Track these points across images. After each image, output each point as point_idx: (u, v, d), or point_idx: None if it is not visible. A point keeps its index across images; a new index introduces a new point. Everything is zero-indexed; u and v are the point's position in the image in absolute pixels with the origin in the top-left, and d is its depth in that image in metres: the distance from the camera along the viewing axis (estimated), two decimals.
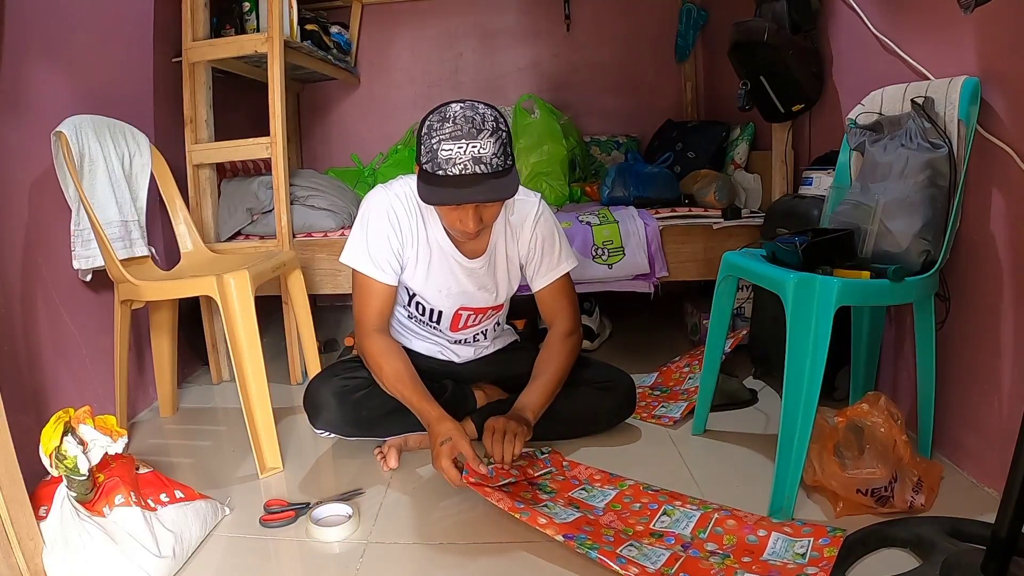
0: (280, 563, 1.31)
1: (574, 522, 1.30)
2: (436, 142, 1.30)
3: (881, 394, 1.40)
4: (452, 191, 1.30)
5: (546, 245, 1.64)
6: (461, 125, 1.29)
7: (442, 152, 1.28)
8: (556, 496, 1.44)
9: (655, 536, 1.29)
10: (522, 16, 3.38)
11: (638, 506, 1.40)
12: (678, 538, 1.28)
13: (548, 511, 1.33)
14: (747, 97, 2.19)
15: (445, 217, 1.44)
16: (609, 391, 1.75)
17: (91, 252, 1.73)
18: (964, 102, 1.35)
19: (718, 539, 1.27)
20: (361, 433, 1.67)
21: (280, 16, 2.16)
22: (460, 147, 1.28)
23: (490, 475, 1.39)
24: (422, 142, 1.34)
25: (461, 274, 1.61)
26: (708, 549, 1.24)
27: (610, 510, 1.39)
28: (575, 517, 1.33)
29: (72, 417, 1.19)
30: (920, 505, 1.32)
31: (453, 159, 1.28)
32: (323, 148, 3.48)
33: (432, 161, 1.30)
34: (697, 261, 2.35)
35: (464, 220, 1.37)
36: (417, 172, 1.41)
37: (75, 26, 1.80)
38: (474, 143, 1.28)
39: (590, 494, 1.46)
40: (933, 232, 1.37)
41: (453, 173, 1.29)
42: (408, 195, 1.56)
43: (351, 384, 1.63)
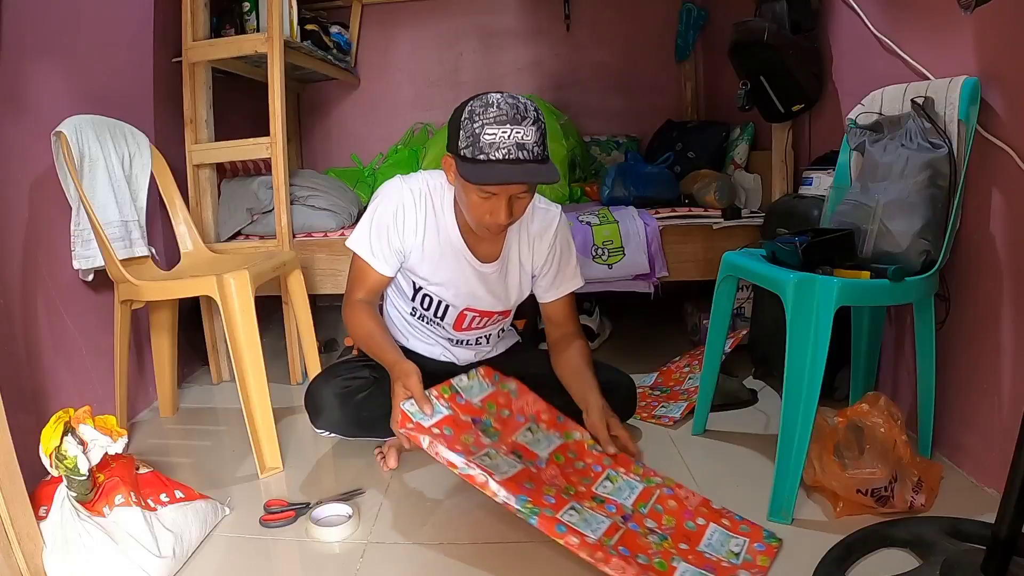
0: (280, 563, 1.31)
1: (515, 477, 1.23)
2: (479, 127, 1.28)
3: (881, 394, 1.40)
4: (497, 171, 1.29)
5: (563, 259, 1.65)
6: (506, 111, 1.29)
7: (486, 136, 1.28)
8: (499, 441, 1.36)
9: (596, 501, 1.28)
10: (522, 16, 3.38)
11: (581, 465, 1.38)
12: (619, 508, 1.28)
13: (489, 462, 1.25)
14: (747, 97, 2.19)
15: (474, 210, 1.39)
16: (609, 391, 1.74)
17: (91, 252, 1.73)
18: (964, 102, 1.35)
19: (658, 517, 1.27)
20: (362, 433, 1.67)
21: (280, 16, 2.16)
22: (504, 132, 1.27)
23: (436, 410, 1.32)
24: (462, 127, 1.32)
25: (472, 276, 1.59)
26: (648, 526, 1.24)
27: (553, 462, 1.36)
28: (516, 470, 1.26)
29: (72, 417, 1.19)
30: (920, 505, 1.32)
31: (497, 143, 1.27)
32: (323, 148, 3.48)
33: (474, 145, 1.29)
34: (697, 261, 2.35)
35: (496, 212, 1.35)
36: (449, 163, 1.40)
37: (75, 26, 1.80)
38: (518, 129, 1.28)
39: (535, 436, 1.42)
40: (933, 232, 1.37)
41: (496, 157, 1.28)
42: (424, 192, 1.53)
43: (353, 385, 1.63)
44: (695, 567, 1.15)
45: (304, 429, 1.90)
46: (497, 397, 1.47)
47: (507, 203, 1.35)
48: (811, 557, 1.18)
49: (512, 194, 1.34)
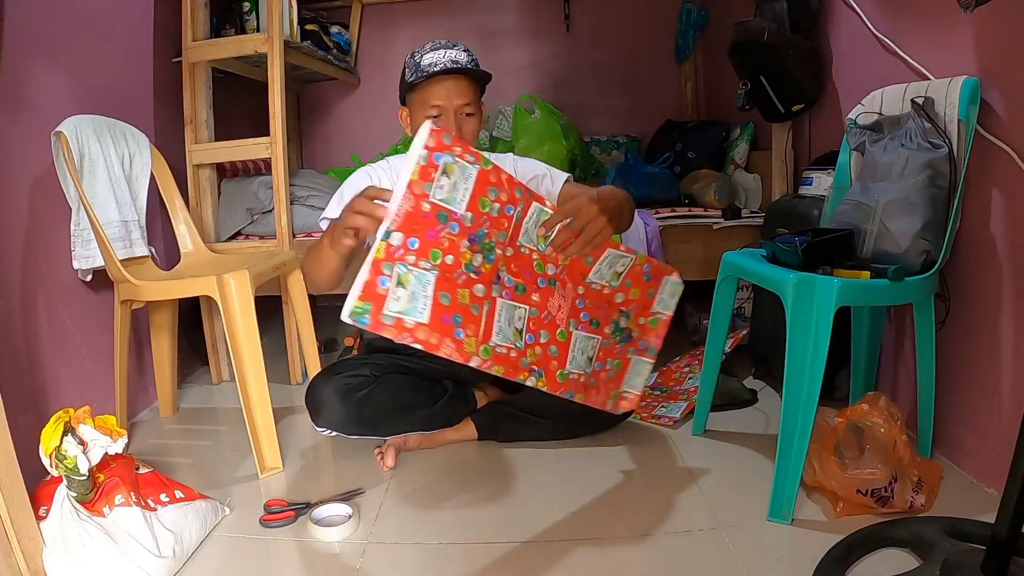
0: (280, 563, 1.31)
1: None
2: (419, 57, 1.49)
3: (881, 394, 1.40)
4: (437, 77, 1.47)
5: (534, 169, 1.65)
6: (440, 42, 1.52)
7: (424, 60, 1.48)
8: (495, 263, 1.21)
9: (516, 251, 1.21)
10: (522, 16, 3.38)
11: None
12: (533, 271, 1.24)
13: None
14: (747, 97, 2.19)
15: None
16: None
17: (91, 252, 1.73)
18: (964, 102, 1.35)
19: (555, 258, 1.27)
20: (363, 432, 1.67)
21: (280, 16, 2.16)
22: (439, 54, 1.48)
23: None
24: (406, 67, 1.53)
25: None
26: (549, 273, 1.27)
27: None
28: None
29: (72, 417, 1.19)
30: (920, 505, 1.32)
31: (435, 62, 1.47)
32: (323, 148, 3.48)
33: (415, 71, 1.48)
34: (697, 261, 2.35)
35: (447, 126, 1.46)
36: (402, 113, 1.59)
37: (75, 26, 1.80)
38: (451, 51, 1.49)
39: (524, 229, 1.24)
40: (933, 232, 1.37)
41: (435, 72, 1.46)
42: (385, 166, 1.65)
43: (353, 383, 1.63)
44: (585, 331, 1.27)
45: (304, 429, 1.90)
46: (484, 187, 1.16)
47: (454, 119, 1.49)
48: (811, 557, 1.18)
49: (456, 107, 1.49)
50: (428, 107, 1.48)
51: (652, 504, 1.44)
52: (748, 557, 1.23)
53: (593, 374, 1.36)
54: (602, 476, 1.58)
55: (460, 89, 1.49)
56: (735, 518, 1.36)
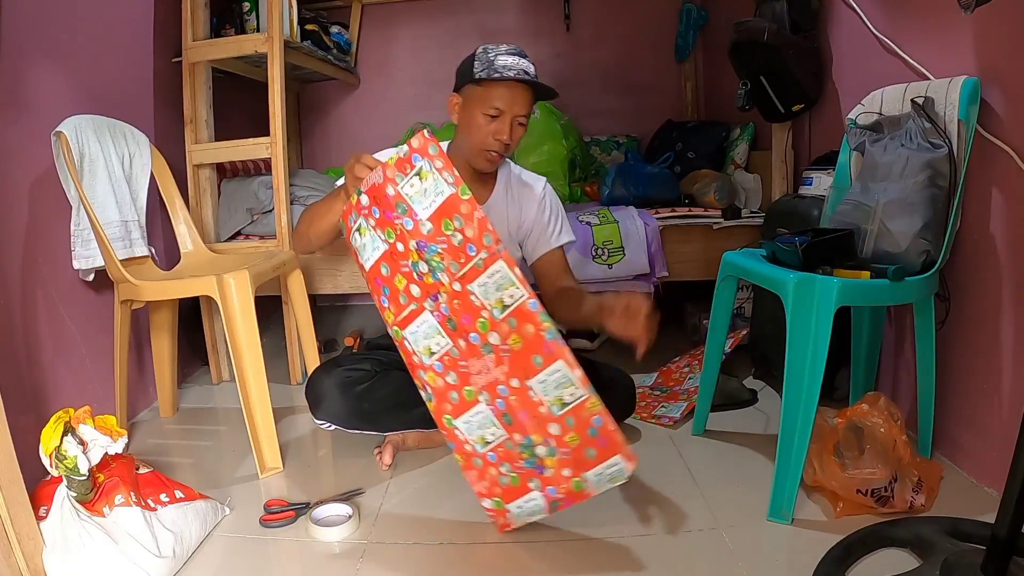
0: (280, 563, 1.31)
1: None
2: (493, 55, 1.51)
3: (881, 394, 1.40)
4: (510, 80, 1.50)
5: (554, 211, 1.71)
6: (514, 49, 1.54)
7: (499, 60, 1.51)
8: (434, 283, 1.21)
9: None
10: (522, 16, 3.38)
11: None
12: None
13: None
14: (747, 97, 2.19)
15: (479, 132, 1.53)
16: (609, 391, 1.74)
17: (91, 252, 1.73)
18: (964, 102, 1.35)
19: (507, 335, 1.15)
20: (362, 426, 1.66)
21: (280, 16, 2.16)
22: (515, 60, 1.51)
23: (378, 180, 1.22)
24: (476, 59, 1.53)
25: None
26: (488, 340, 1.17)
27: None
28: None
29: (72, 417, 1.19)
30: (920, 505, 1.32)
31: (510, 65, 1.50)
32: (323, 148, 3.47)
33: (489, 68, 1.50)
34: (697, 261, 2.35)
35: (500, 131, 1.51)
36: (455, 101, 1.58)
37: (75, 26, 1.80)
38: (525, 61, 1.52)
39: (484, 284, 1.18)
40: (933, 232, 1.37)
41: (509, 76, 1.49)
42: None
43: (354, 376, 1.63)
44: (494, 415, 1.19)
45: (304, 429, 1.90)
46: (451, 211, 1.15)
47: (510, 124, 1.52)
48: (811, 557, 1.18)
49: (515, 115, 1.52)
50: (490, 106, 1.51)
51: (652, 504, 1.44)
52: (748, 557, 1.23)
53: (483, 457, 1.24)
54: None
55: (524, 99, 1.53)
56: (735, 518, 1.36)
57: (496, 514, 1.24)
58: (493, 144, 1.53)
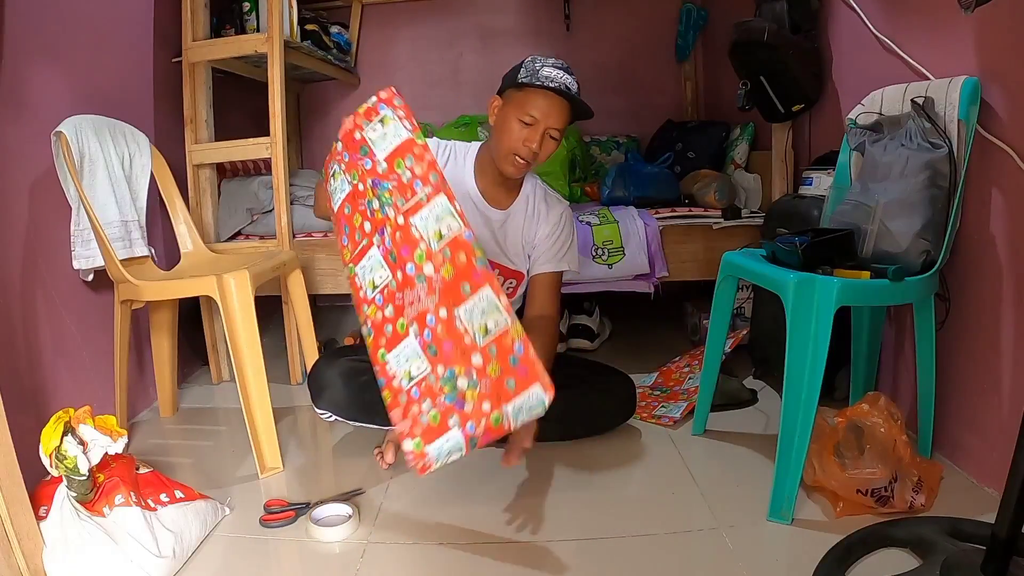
0: (280, 563, 1.31)
1: None
2: (540, 65, 1.55)
3: (881, 394, 1.40)
4: (551, 90, 1.53)
5: (565, 236, 1.74)
6: (562, 65, 1.57)
7: (545, 71, 1.54)
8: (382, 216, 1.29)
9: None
10: (522, 16, 3.38)
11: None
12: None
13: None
14: (747, 97, 2.19)
15: (511, 136, 1.55)
16: (609, 392, 1.75)
17: (91, 252, 1.73)
18: (964, 102, 1.35)
19: (439, 265, 1.19)
20: (362, 417, 1.64)
21: (280, 16, 2.16)
22: (559, 74, 1.54)
23: (340, 185, 1.37)
24: (523, 67, 1.56)
25: (479, 219, 1.67)
26: (424, 271, 1.21)
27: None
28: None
29: (72, 417, 1.19)
30: (920, 505, 1.32)
31: (553, 77, 1.53)
32: (323, 148, 3.46)
33: (533, 75, 1.54)
34: (697, 261, 2.35)
35: (531, 139, 1.54)
36: (495, 103, 1.61)
37: (75, 26, 1.80)
38: (570, 77, 1.55)
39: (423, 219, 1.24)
40: (933, 232, 1.37)
41: (551, 86, 1.52)
42: (448, 144, 1.73)
43: (358, 367, 1.62)
44: (420, 346, 1.19)
45: (304, 429, 1.91)
46: (405, 151, 1.25)
47: (542, 134, 1.54)
48: (811, 557, 1.18)
49: (549, 126, 1.54)
50: (525, 112, 1.53)
51: (652, 504, 1.44)
52: (748, 557, 1.23)
53: (407, 393, 1.21)
54: (602, 476, 1.58)
55: (560, 113, 1.54)
56: (735, 518, 1.36)
57: (415, 457, 1.17)
58: (522, 150, 1.55)
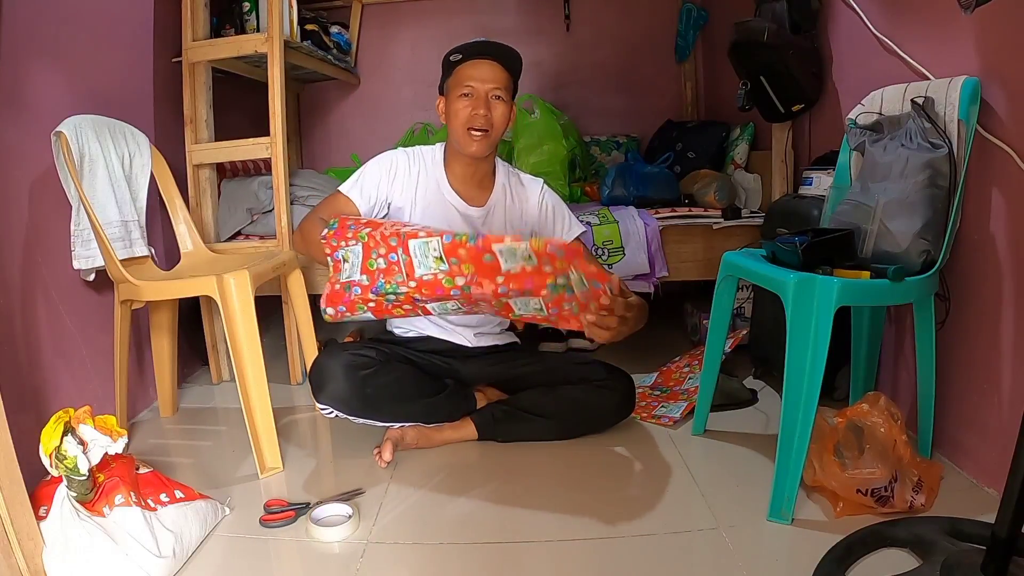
0: (280, 563, 1.31)
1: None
2: (463, 44, 1.60)
3: (881, 394, 1.40)
4: (469, 59, 1.60)
5: (558, 208, 1.77)
6: (479, 38, 1.61)
7: (467, 43, 1.59)
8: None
9: None
10: (522, 16, 3.38)
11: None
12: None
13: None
14: (747, 97, 2.19)
15: (459, 116, 1.60)
16: (609, 391, 1.75)
17: (91, 252, 1.73)
18: (964, 102, 1.35)
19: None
20: (363, 412, 1.64)
21: (280, 16, 2.16)
22: (479, 39, 1.60)
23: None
24: (449, 53, 1.62)
25: (459, 220, 1.69)
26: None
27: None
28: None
29: (72, 417, 1.19)
30: (920, 505, 1.32)
31: (475, 42, 1.59)
32: (323, 148, 3.48)
33: (456, 50, 1.59)
34: (697, 261, 2.35)
35: (477, 107, 1.58)
36: (440, 101, 1.68)
37: (75, 26, 1.80)
38: (488, 40, 1.60)
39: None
40: (933, 232, 1.37)
41: (471, 50, 1.57)
42: (415, 153, 1.73)
43: (359, 361, 1.62)
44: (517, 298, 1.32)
45: (304, 429, 1.91)
46: (368, 253, 1.45)
47: (486, 97, 1.59)
48: (811, 557, 1.18)
49: (489, 89, 1.59)
50: (462, 86, 1.58)
51: (652, 504, 1.44)
52: (748, 557, 1.23)
53: (551, 313, 1.36)
54: (602, 476, 1.58)
55: (494, 72, 1.58)
56: (735, 518, 1.36)
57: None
58: (475, 121, 1.59)
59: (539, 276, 1.31)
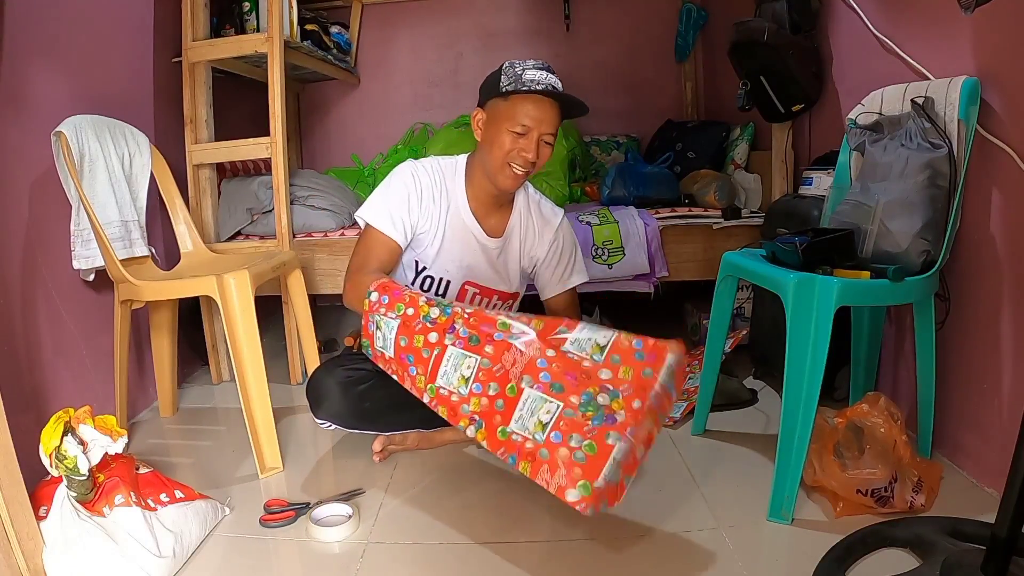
0: (280, 563, 1.31)
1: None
2: (521, 70, 1.49)
3: (881, 394, 1.40)
4: (540, 95, 1.48)
5: (566, 252, 1.70)
6: (542, 63, 1.53)
7: (528, 74, 1.48)
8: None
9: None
10: (522, 16, 3.38)
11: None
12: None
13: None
14: (747, 97, 2.19)
15: (503, 150, 1.49)
16: None
17: (91, 252, 1.73)
18: (964, 102, 1.35)
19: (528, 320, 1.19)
20: (363, 425, 1.65)
21: (280, 16, 2.16)
22: (543, 75, 1.49)
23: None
24: (503, 73, 1.50)
25: (477, 249, 1.63)
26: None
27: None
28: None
29: (72, 417, 1.19)
30: (920, 505, 1.32)
31: (538, 80, 1.48)
32: (323, 148, 3.47)
33: (517, 82, 1.47)
34: (697, 261, 2.35)
35: (527, 148, 1.48)
36: (478, 118, 1.55)
37: (75, 26, 1.80)
38: (553, 77, 1.51)
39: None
40: (933, 232, 1.37)
41: (538, 89, 1.47)
42: (436, 168, 1.62)
43: (356, 376, 1.62)
44: (541, 391, 1.11)
45: (304, 429, 1.91)
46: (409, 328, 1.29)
47: (537, 141, 1.49)
48: (811, 557, 1.18)
49: (543, 132, 1.49)
50: (516, 122, 1.47)
51: (652, 504, 1.44)
52: (748, 557, 1.23)
53: (547, 444, 1.11)
54: None
55: (553, 117, 1.50)
56: (735, 518, 1.36)
57: (587, 501, 1.07)
58: (517, 160, 1.49)
59: (589, 380, 1.12)
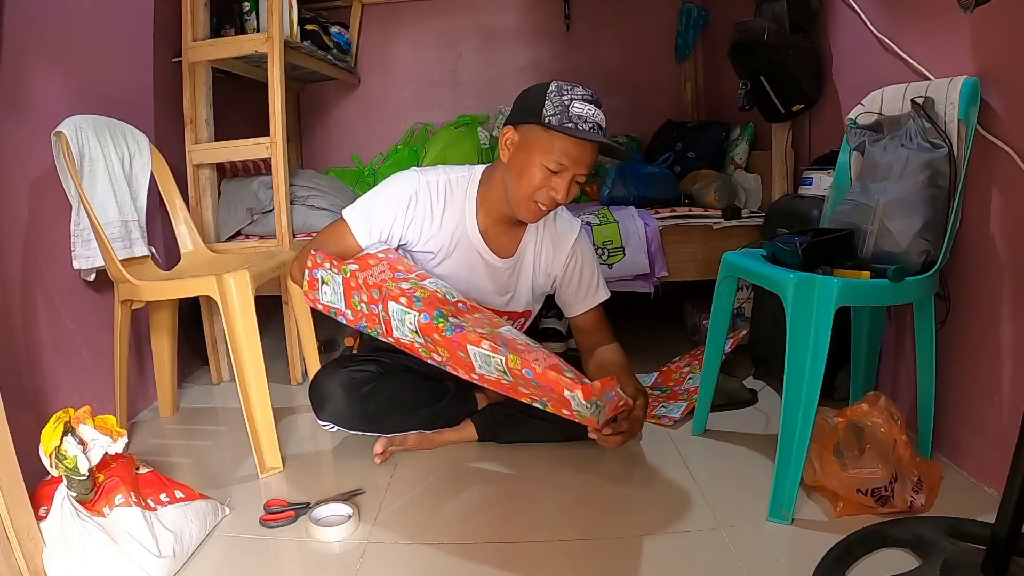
0: (280, 563, 1.31)
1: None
2: (568, 100, 1.40)
3: (881, 394, 1.40)
4: (587, 138, 1.41)
5: (585, 268, 1.67)
6: (590, 94, 1.44)
7: (575, 107, 1.40)
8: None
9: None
10: (522, 16, 3.38)
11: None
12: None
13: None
14: (747, 97, 2.19)
15: (532, 183, 1.42)
16: None
17: (91, 252, 1.73)
18: (964, 102, 1.35)
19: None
20: (365, 427, 1.66)
21: (280, 16, 2.16)
22: (591, 110, 1.41)
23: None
24: (548, 99, 1.41)
25: (482, 270, 1.59)
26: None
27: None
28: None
29: (72, 417, 1.19)
30: (920, 505, 1.32)
31: (585, 116, 1.40)
32: (323, 148, 3.47)
33: (563, 114, 1.39)
34: (697, 261, 2.35)
35: (557, 188, 1.42)
36: (510, 138, 1.45)
37: (75, 26, 1.80)
38: (600, 113, 1.44)
39: None
40: (933, 232, 1.37)
41: (584, 128, 1.40)
42: (444, 183, 1.55)
43: (359, 377, 1.62)
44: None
45: (304, 429, 1.90)
46: (349, 291, 1.39)
47: (569, 181, 1.42)
48: (811, 557, 1.18)
49: (578, 172, 1.42)
50: (552, 159, 1.39)
51: (652, 504, 1.44)
52: (748, 557, 1.23)
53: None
54: (602, 476, 1.58)
55: (592, 158, 1.44)
56: (735, 518, 1.36)
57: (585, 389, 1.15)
58: (545, 198, 1.43)
59: (514, 392, 1.27)
